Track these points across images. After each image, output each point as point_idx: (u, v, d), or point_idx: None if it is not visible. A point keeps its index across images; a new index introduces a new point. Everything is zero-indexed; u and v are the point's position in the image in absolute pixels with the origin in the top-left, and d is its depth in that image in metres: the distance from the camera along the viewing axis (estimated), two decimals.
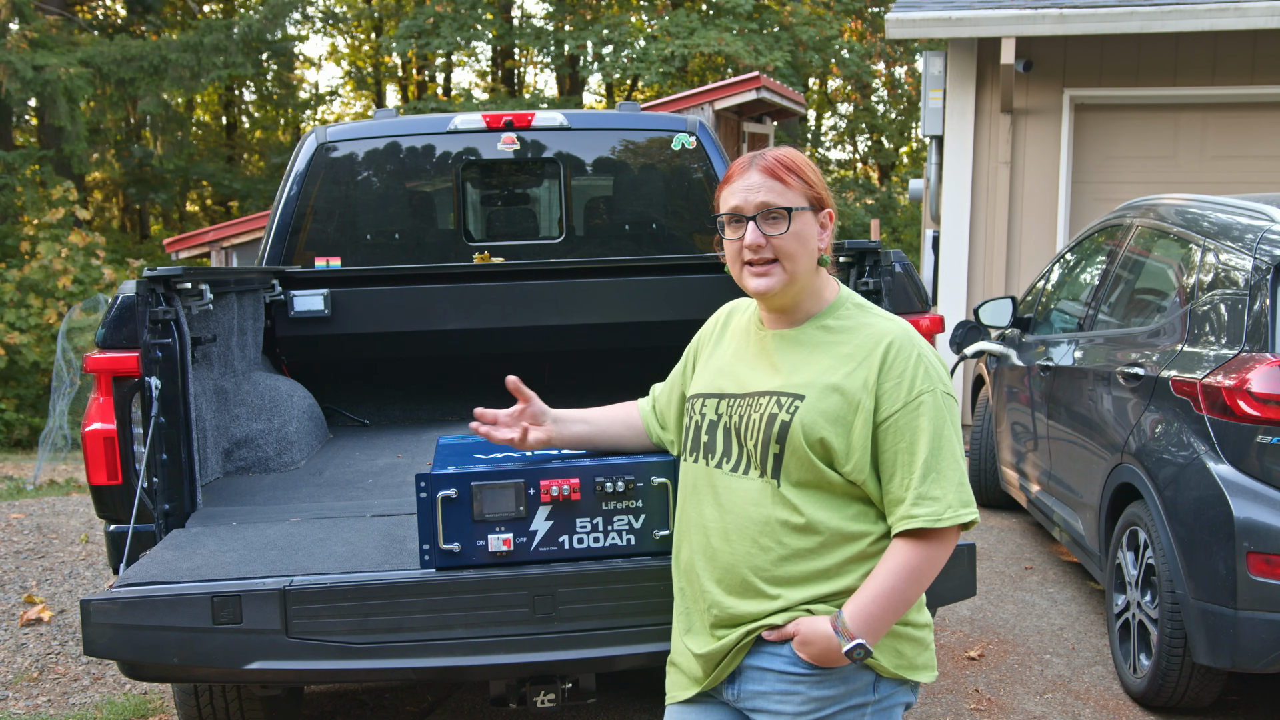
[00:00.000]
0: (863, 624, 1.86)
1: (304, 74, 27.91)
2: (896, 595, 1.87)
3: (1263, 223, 3.86)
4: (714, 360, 2.12)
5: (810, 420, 1.89)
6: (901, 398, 1.89)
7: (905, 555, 1.88)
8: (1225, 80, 8.28)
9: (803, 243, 1.95)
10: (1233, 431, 3.53)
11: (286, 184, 4.69)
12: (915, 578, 1.88)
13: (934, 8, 8.39)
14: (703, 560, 2.00)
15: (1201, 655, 3.58)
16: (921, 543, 1.88)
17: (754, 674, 1.95)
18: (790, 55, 19.47)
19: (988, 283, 8.77)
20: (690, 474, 2.07)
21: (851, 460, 1.89)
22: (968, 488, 1.91)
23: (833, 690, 1.91)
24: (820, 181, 2.00)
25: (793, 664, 1.91)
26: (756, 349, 2.05)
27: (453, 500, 2.35)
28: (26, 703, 4.18)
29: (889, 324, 1.97)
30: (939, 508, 1.86)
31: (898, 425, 1.88)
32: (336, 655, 2.43)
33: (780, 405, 1.93)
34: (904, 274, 3.31)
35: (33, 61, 15.84)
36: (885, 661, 1.92)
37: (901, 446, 1.88)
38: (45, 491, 8.54)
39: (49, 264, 14.79)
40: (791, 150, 2.01)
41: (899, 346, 1.92)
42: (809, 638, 1.89)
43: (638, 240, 4.88)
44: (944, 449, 1.88)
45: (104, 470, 3.05)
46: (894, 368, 1.90)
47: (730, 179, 2.00)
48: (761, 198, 1.94)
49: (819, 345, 1.98)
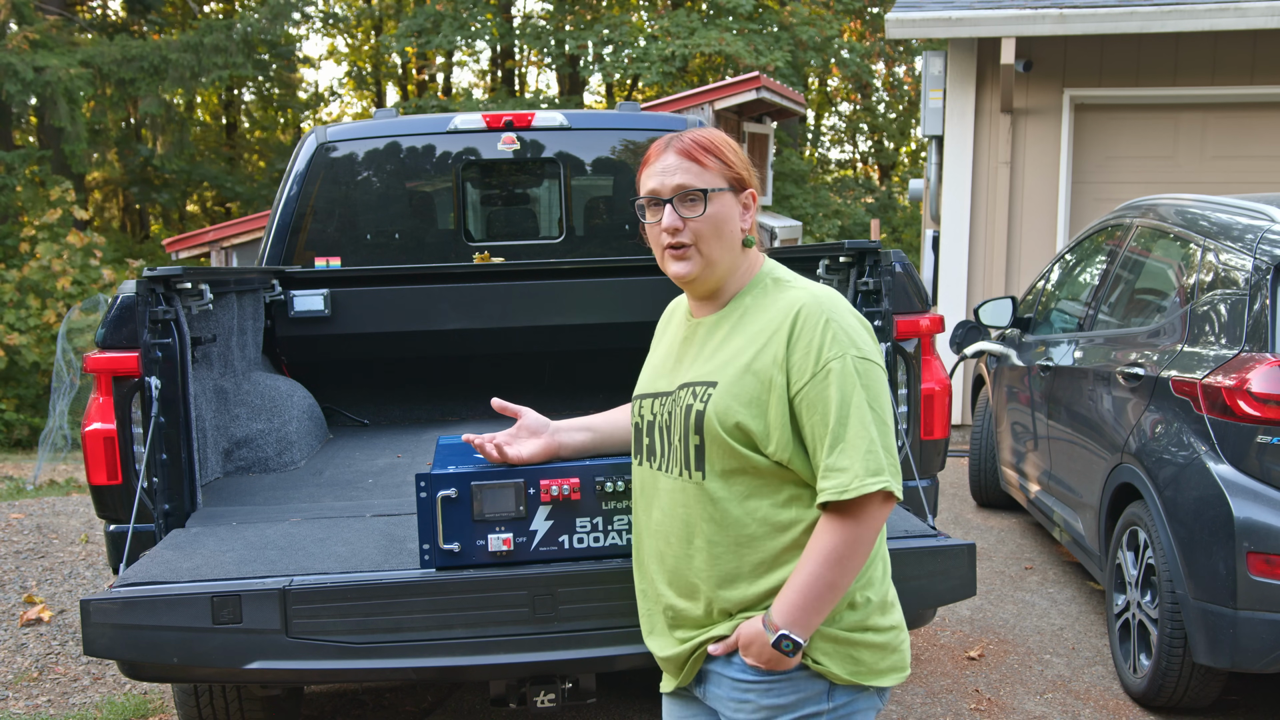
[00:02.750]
0: (787, 615, 1.80)
1: (304, 74, 27.92)
2: (820, 581, 1.79)
3: (1263, 223, 3.86)
4: (653, 360, 2.09)
5: (724, 406, 1.84)
6: (810, 369, 1.81)
7: (823, 537, 1.79)
8: (1225, 80, 8.27)
9: (720, 224, 1.90)
10: (1233, 431, 3.53)
11: (286, 184, 4.70)
12: (836, 559, 1.78)
13: (934, 8, 8.39)
14: (654, 563, 1.99)
15: (1201, 655, 3.58)
16: (839, 520, 1.79)
17: (715, 677, 1.93)
18: (790, 55, 19.48)
19: (988, 283, 8.77)
20: (638, 477, 2.05)
21: (773, 440, 1.83)
22: (878, 455, 1.78)
23: (783, 699, 1.86)
24: (741, 162, 1.94)
25: (743, 671, 1.87)
26: (684, 341, 2.01)
27: (453, 500, 2.35)
28: (26, 703, 4.18)
29: (801, 293, 1.89)
30: (845, 478, 1.76)
31: (810, 398, 1.81)
32: (336, 655, 2.43)
33: (695, 395, 1.88)
34: (904, 274, 3.31)
35: (33, 62, 15.84)
36: (837, 669, 1.85)
37: (816, 419, 1.80)
38: (45, 491, 8.54)
39: (48, 264, 14.79)
40: (710, 130, 1.96)
41: (806, 314, 1.83)
42: (748, 639, 1.85)
43: (638, 240, 4.88)
44: (851, 417, 1.78)
45: (104, 470, 3.05)
46: (802, 337, 1.82)
47: (648, 161, 1.96)
48: (678, 180, 1.90)
49: (735, 327, 1.92)
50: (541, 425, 2.34)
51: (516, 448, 2.31)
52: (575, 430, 2.36)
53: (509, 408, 2.32)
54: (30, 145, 18.97)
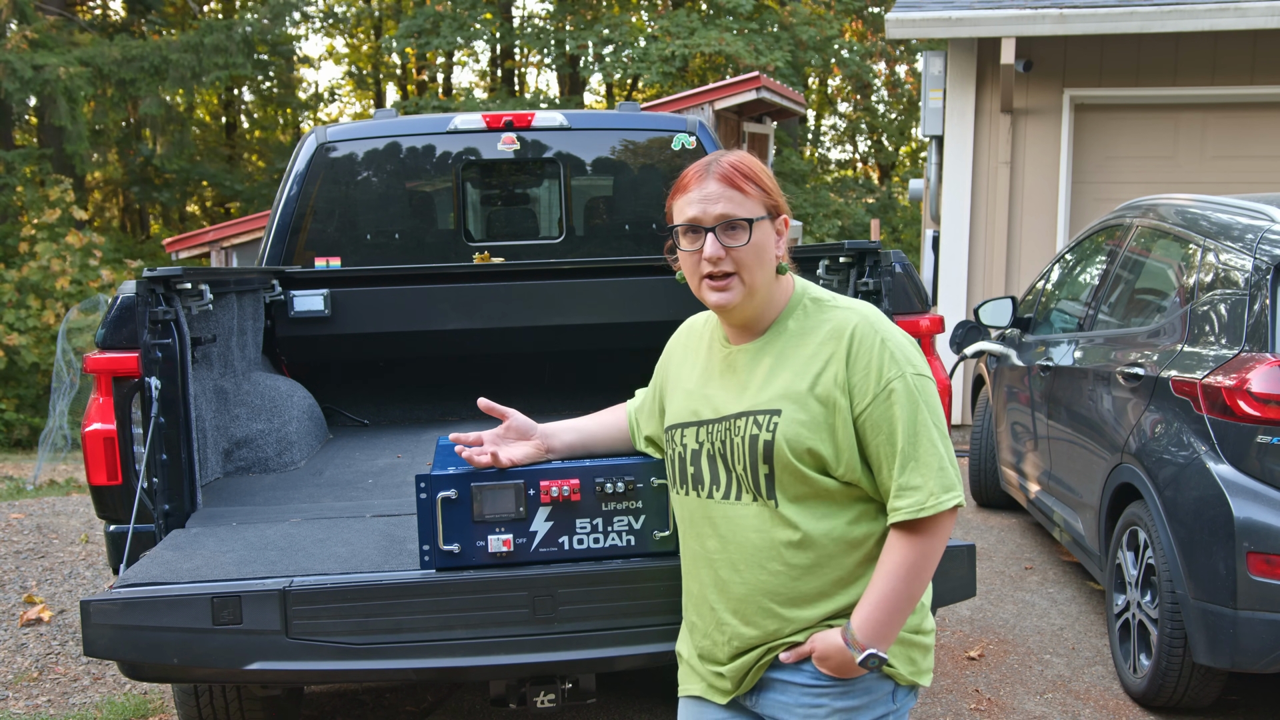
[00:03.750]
0: (871, 632, 1.84)
1: (304, 74, 27.92)
2: (899, 596, 1.84)
3: (1263, 223, 3.86)
4: (682, 384, 2.04)
5: (793, 433, 1.84)
6: (871, 389, 1.83)
7: (899, 553, 1.84)
8: (1225, 80, 8.27)
9: (761, 254, 1.88)
10: (1233, 431, 3.53)
11: (286, 184, 4.70)
12: (914, 574, 1.84)
13: (934, 8, 8.39)
14: (715, 593, 1.95)
15: (1201, 655, 3.58)
16: (913, 536, 1.84)
17: (778, 685, 1.93)
18: (790, 55, 19.48)
19: (988, 283, 8.77)
20: (685, 507, 2.01)
21: (843, 462, 1.86)
22: (949, 471, 1.84)
23: (857, 700, 1.90)
24: (775, 187, 1.93)
25: (815, 678, 1.89)
26: (723, 367, 1.98)
27: (453, 501, 2.35)
28: (26, 703, 4.18)
29: (848, 313, 1.90)
30: (921, 496, 1.82)
31: (874, 418, 1.83)
32: (336, 656, 2.43)
33: (759, 425, 1.87)
34: (904, 274, 3.31)
35: (32, 61, 15.85)
36: (902, 669, 1.92)
37: (881, 439, 1.84)
38: (45, 491, 8.54)
39: (48, 265, 14.80)
40: (746, 156, 1.93)
41: (860, 335, 1.85)
42: (825, 653, 1.87)
43: (638, 240, 4.88)
44: (920, 435, 1.82)
45: (104, 470, 3.05)
46: (859, 359, 1.84)
47: (685, 187, 1.91)
48: (720, 209, 1.86)
49: (783, 353, 1.91)
50: (529, 428, 2.33)
51: (506, 451, 2.30)
52: (563, 433, 2.36)
53: (496, 409, 2.31)
54: (30, 145, 18.98)
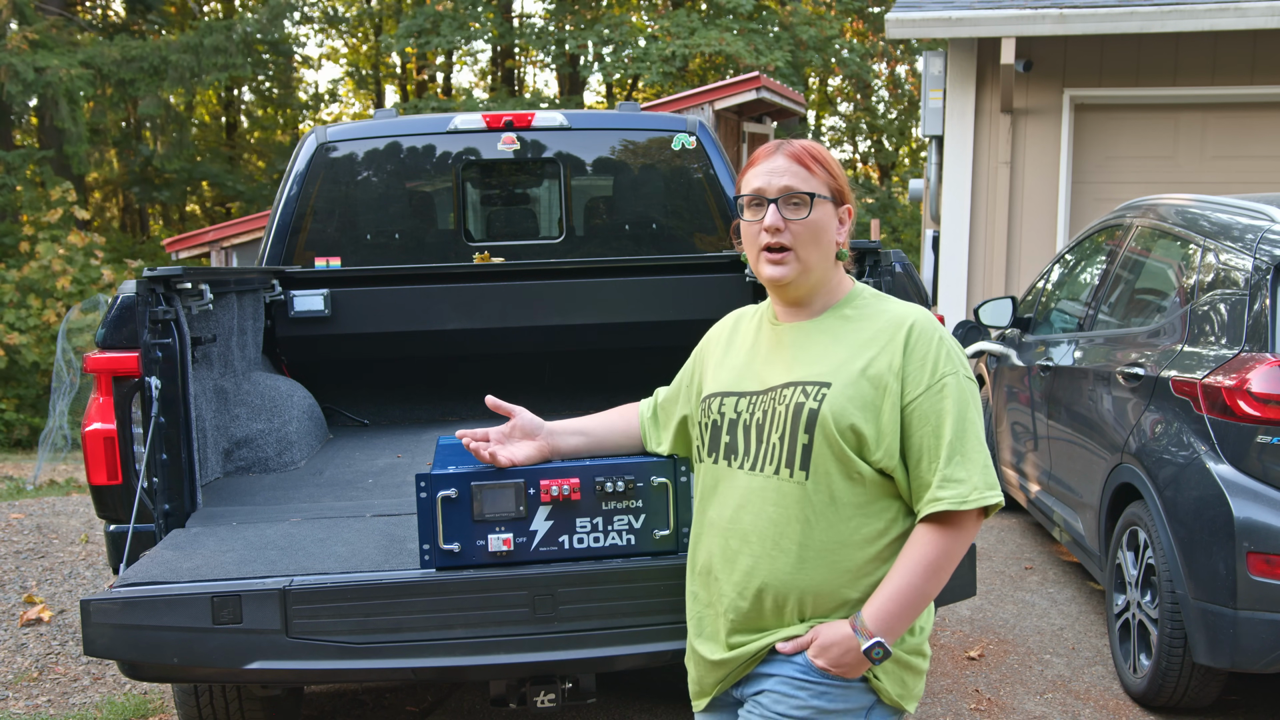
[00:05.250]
0: (881, 622, 1.83)
1: (304, 74, 27.92)
2: (915, 591, 1.84)
3: (1263, 223, 3.86)
4: (729, 361, 2.06)
5: (840, 406, 1.85)
6: (925, 380, 1.86)
7: (925, 547, 1.84)
8: (1225, 80, 8.28)
9: (820, 232, 1.93)
10: (1233, 431, 3.53)
11: (286, 184, 4.70)
12: (933, 571, 1.84)
13: (934, 8, 8.39)
14: (721, 562, 1.96)
15: (1201, 655, 3.58)
16: (942, 530, 1.84)
17: (761, 678, 1.93)
18: (790, 55, 19.48)
19: (988, 283, 8.77)
20: (710, 475, 2.02)
21: (882, 446, 1.86)
22: (993, 471, 1.87)
23: (832, 705, 1.88)
24: (843, 176, 2.00)
25: (803, 671, 1.88)
26: (771, 344, 2.00)
27: (453, 500, 2.35)
28: (26, 703, 4.18)
29: (909, 309, 1.95)
30: (965, 489, 1.83)
31: (923, 408, 1.86)
32: (336, 655, 2.43)
33: (807, 394, 1.88)
34: (904, 274, 3.31)
35: (33, 63, 15.85)
36: (891, 688, 1.90)
37: (927, 430, 1.85)
38: (45, 491, 8.55)
39: (48, 264, 14.80)
40: (817, 144, 2.01)
41: (921, 328, 1.90)
42: (829, 640, 1.86)
43: (638, 240, 4.88)
44: (969, 431, 1.85)
45: (104, 470, 3.05)
46: (917, 349, 1.88)
47: (755, 162, 1.98)
48: (785, 181, 1.93)
49: (839, 334, 1.94)
50: (535, 427, 2.33)
51: (509, 450, 2.31)
52: (570, 434, 2.36)
53: (503, 406, 2.32)
54: (30, 145, 18.98)
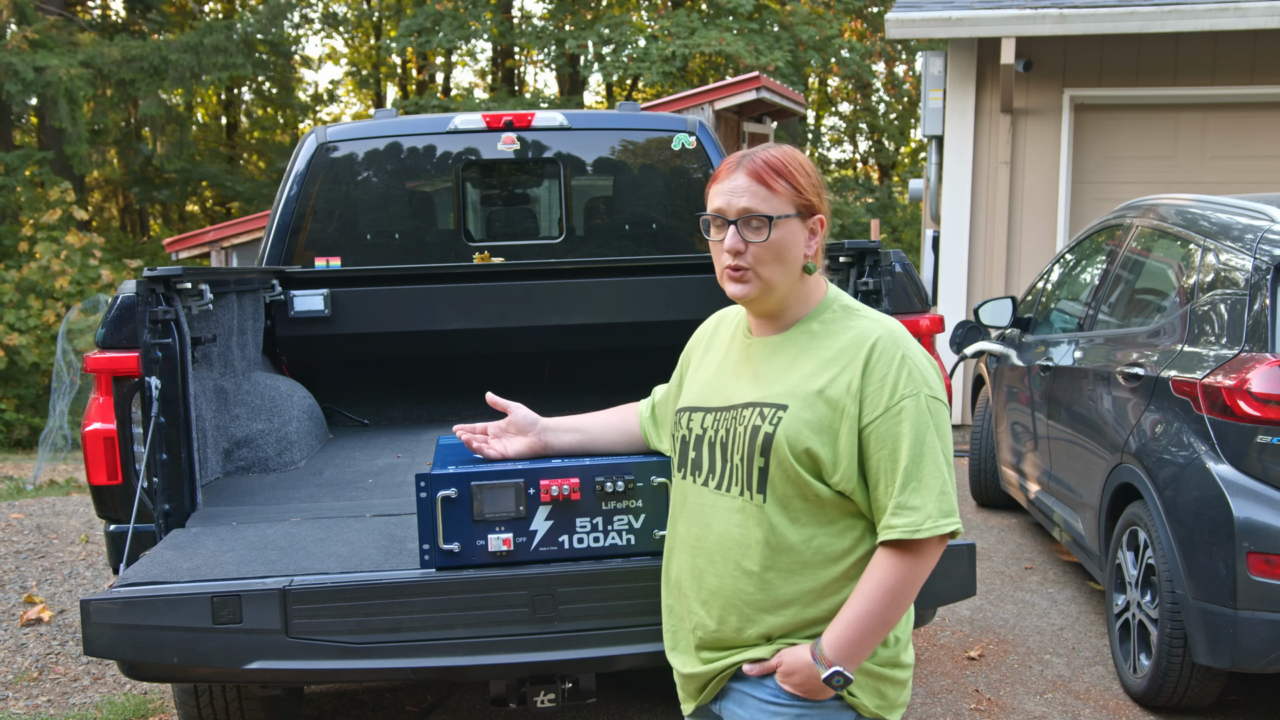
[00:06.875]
0: (840, 650, 1.80)
1: (304, 74, 27.92)
2: (874, 618, 1.79)
3: (1263, 223, 3.86)
4: (701, 371, 2.04)
5: (795, 430, 1.81)
6: (884, 402, 1.80)
7: (883, 574, 1.80)
8: (1225, 80, 8.28)
9: (782, 251, 1.85)
10: (1233, 431, 3.53)
11: (286, 184, 4.69)
12: (893, 598, 1.80)
13: (934, 8, 8.39)
14: (689, 579, 1.94)
15: (1201, 655, 3.58)
16: (901, 556, 1.79)
17: (739, 696, 1.91)
18: (790, 55, 19.48)
19: (988, 283, 8.77)
20: (680, 490, 2.00)
21: (839, 470, 1.82)
22: (950, 497, 1.81)
23: None
24: (813, 185, 1.89)
25: (775, 695, 1.86)
26: (740, 357, 1.96)
27: (453, 500, 2.35)
28: (26, 703, 4.18)
29: (874, 324, 1.88)
30: (918, 518, 1.77)
31: (879, 432, 1.80)
32: (336, 655, 2.43)
33: (763, 417, 1.84)
34: (904, 274, 3.31)
35: (33, 63, 15.85)
36: (867, 701, 1.87)
37: (884, 454, 1.80)
38: (45, 491, 8.54)
39: (48, 265, 14.80)
40: (785, 151, 1.89)
41: (882, 348, 1.83)
42: (792, 667, 1.83)
43: (638, 240, 4.88)
44: (925, 456, 1.79)
45: (104, 470, 3.06)
46: (876, 370, 1.81)
47: (718, 178, 1.90)
48: (744, 203, 1.85)
49: (803, 349, 1.89)
50: (530, 423, 2.35)
51: (501, 444, 2.34)
52: (564, 431, 2.37)
53: (500, 403, 2.34)
54: (30, 145, 18.98)
